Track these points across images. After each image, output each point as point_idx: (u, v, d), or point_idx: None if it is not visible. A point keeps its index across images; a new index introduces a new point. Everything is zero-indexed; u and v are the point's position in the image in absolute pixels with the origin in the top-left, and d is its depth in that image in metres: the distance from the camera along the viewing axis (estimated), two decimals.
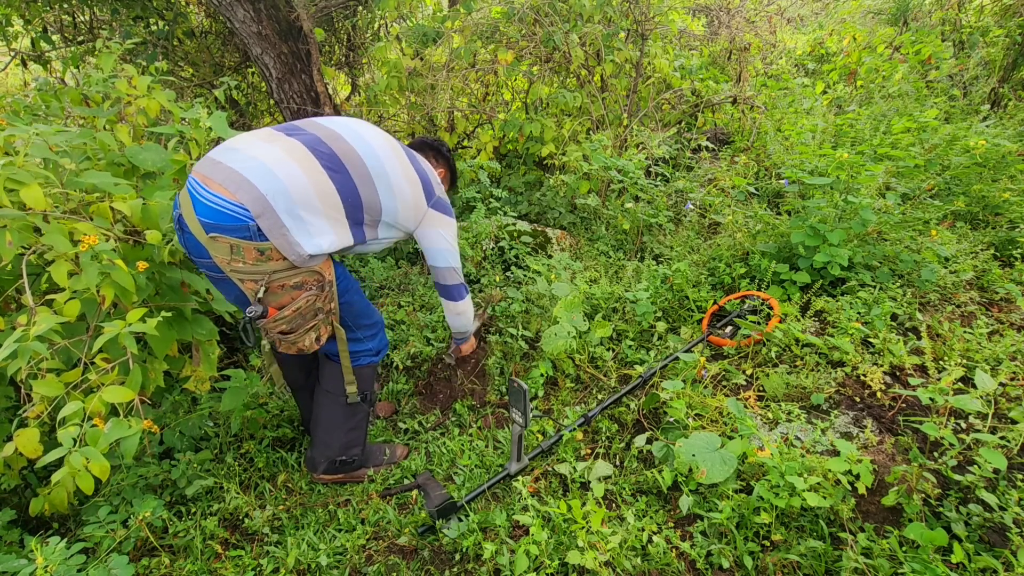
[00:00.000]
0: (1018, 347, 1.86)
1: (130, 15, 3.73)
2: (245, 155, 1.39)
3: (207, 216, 1.35)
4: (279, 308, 1.51)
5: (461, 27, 3.54)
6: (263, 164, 1.38)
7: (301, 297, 1.50)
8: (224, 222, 1.35)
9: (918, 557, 1.22)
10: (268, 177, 1.36)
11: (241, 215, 1.34)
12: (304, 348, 1.58)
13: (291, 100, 3.58)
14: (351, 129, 1.57)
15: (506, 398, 2.18)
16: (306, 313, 1.53)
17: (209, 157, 1.42)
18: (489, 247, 2.98)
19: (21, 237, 1.32)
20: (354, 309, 1.70)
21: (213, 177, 1.37)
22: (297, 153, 1.43)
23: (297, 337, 1.55)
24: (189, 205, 1.38)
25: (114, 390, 1.32)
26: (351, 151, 1.52)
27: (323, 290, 1.54)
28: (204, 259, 1.45)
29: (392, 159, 1.60)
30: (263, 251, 1.39)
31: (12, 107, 2.01)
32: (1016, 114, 3.86)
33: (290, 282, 1.47)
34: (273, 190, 1.36)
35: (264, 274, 1.43)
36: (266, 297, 1.48)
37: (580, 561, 1.33)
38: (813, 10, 7.06)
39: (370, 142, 1.57)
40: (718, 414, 1.77)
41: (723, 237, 2.86)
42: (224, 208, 1.34)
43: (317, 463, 1.81)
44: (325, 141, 1.50)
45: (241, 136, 1.49)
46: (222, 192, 1.35)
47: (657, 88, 4.18)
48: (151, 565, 1.55)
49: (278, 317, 1.49)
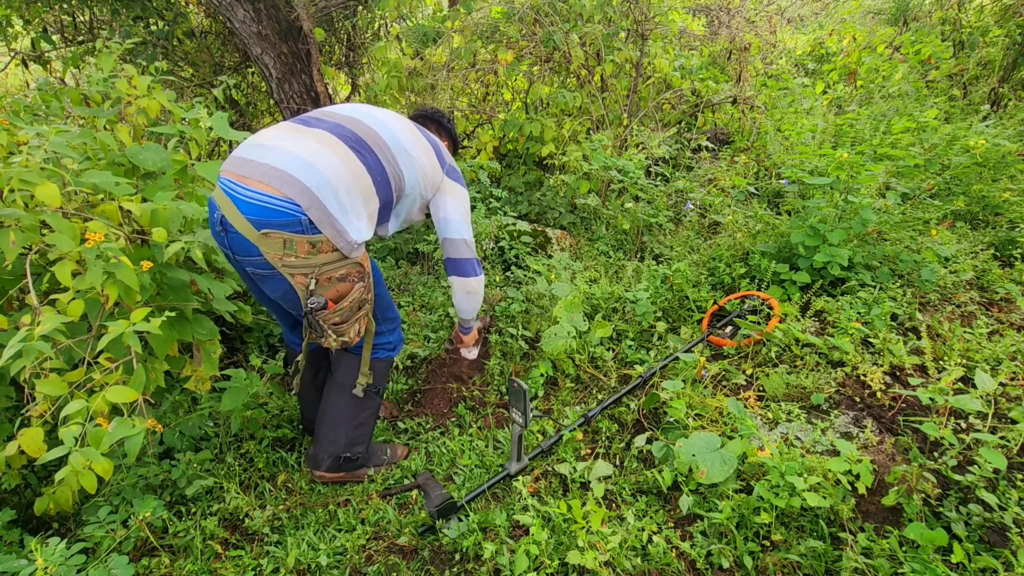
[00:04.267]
0: (1018, 347, 1.86)
1: (130, 15, 3.73)
2: (280, 150, 1.42)
3: (255, 214, 1.37)
4: (334, 300, 1.55)
5: (461, 27, 3.54)
6: (301, 158, 1.41)
7: (355, 288, 1.55)
8: (275, 218, 1.37)
9: (918, 557, 1.22)
10: (310, 170, 1.40)
11: (292, 210, 1.37)
12: (349, 341, 1.61)
13: (291, 100, 3.59)
14: (364, 112, 1.64)
15: (506, 398, 2.18)
16: (357, 304, 1.58)
17: (237, 156, 1.45)
18: (489, 247, 2.98)
19: (26, 237, 1.33)
20: (383, 302, 1.76)
21: (251, 175, 1.39)
22: (328, 142, 1.47)
23: (347, 328, 1.59)
24: (231, 205, 1.40)
25: (118, 390, 1.32)
26: (371, 132, 1.57)
27: (364, 281, 1.59)
28: (252, 256, 1.46)
29: (406, 133, 1.67)
30: (315, 243, 1.42)
31: (12, 107, 2.01)
32: (1016, 114, 3.86)
33: (336, 274, 1.50)
34: (317, 182, 1.39)
35: (315, 267, 1.46)
36: (317, 290, 1.51)
37: (580, 561, 1.33)
38: (813, 10, 7.06)
39: (384, 120, 1.64)
40: (718, 414, 1.77)
41: (723, 237, 2.86)
42: (272, 205, 1.37)
43: (320, 460, 1.80)
44: (347, 126, 1.54)
45: (264, 133, 1.51)
46: (266, 189, 1.37)
47: (657, 88, 4.18)
48: (151, 565, 1.55)
49: (338, 308, 1.53)
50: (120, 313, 1.52)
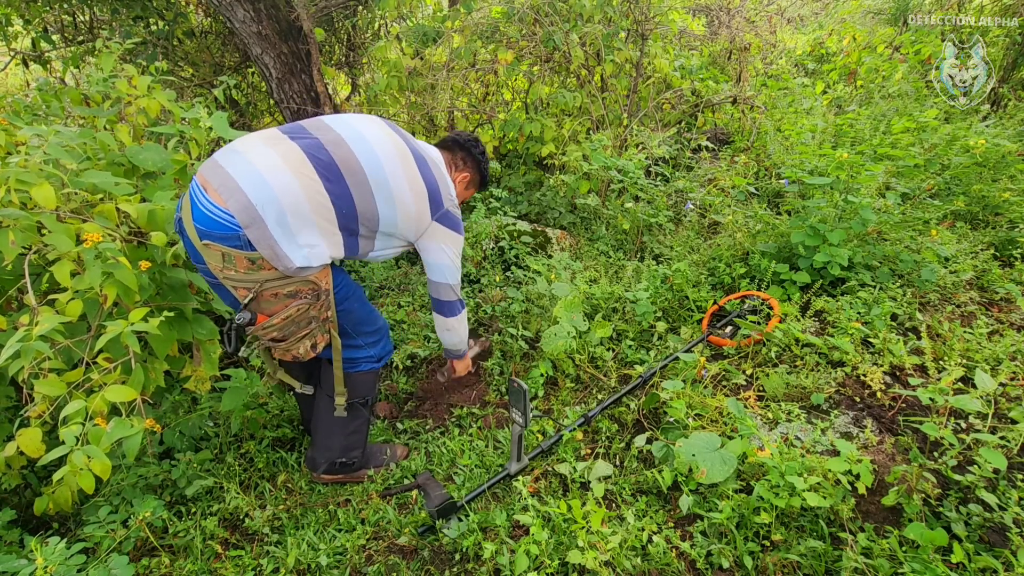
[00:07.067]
0: (1018, 347, 1.86)
1: (130, 15, 3.73)
2: (243, 159, 1.37)
3: (202, 223, 1.35)
4: (269, 315, 1.50)
5: (461, 27, 3.54)
6: (257, 171, 1.35)
7: (292, 305, 1.48)
8: (216, 230, 1.34)
9: (918, 557, 1.22)
10: (260, 185, 1.34)
11: (231, 224, 1.33)
12: (299, 356, 1.57)
13: (291, 100, 3.59)
14: (357, 133, 1.52)
15: (506, 398, 2.18)
16: (299, 321, 1.51)
17: (213, 158, 1.41)
18: (489, 247, 2.98)
19: (25, 237, 1.33)
20: (354, 316, 1.67)
21: (211, 182, 1.36)
22: (293, 159, 1.40)
23: (290, 345, 1.54)
24: (189, 210, 1.38)
25: (116, 389, 1.32)
26: (351, 158, 1.47)
27: (318, 299, 1.52)
28: (200, 264, 1.45)
29: (395, 166, 1.54)
30: (254, 260, 1.38)
31: (12, 107, 2.01)
32: (1016, 114, 3.86)
33: (283, 291, 1.46)
34: (263, 199, 1.33)
35: (256, 282, 1.42)
36: (256, 304, 1.47)
37: (580, 561, 1.33)
38: (813, 10, 7.06)
39: (374, 148, 1.51)
40: (718, 414, 1.77)
41: (723, 237, 2.86)
42: (215, 216, 1.33)
43: (318, 463, 1.81)
44: (326, 147, 1.45)
45: (246, 137, 1.46)
46: (216, 199, 1.34)
47: (657, 88, 4.17)
48: (151, 565, 1.55)
49: (267, 324, 1.48)
50: (119, 313, 1.52)
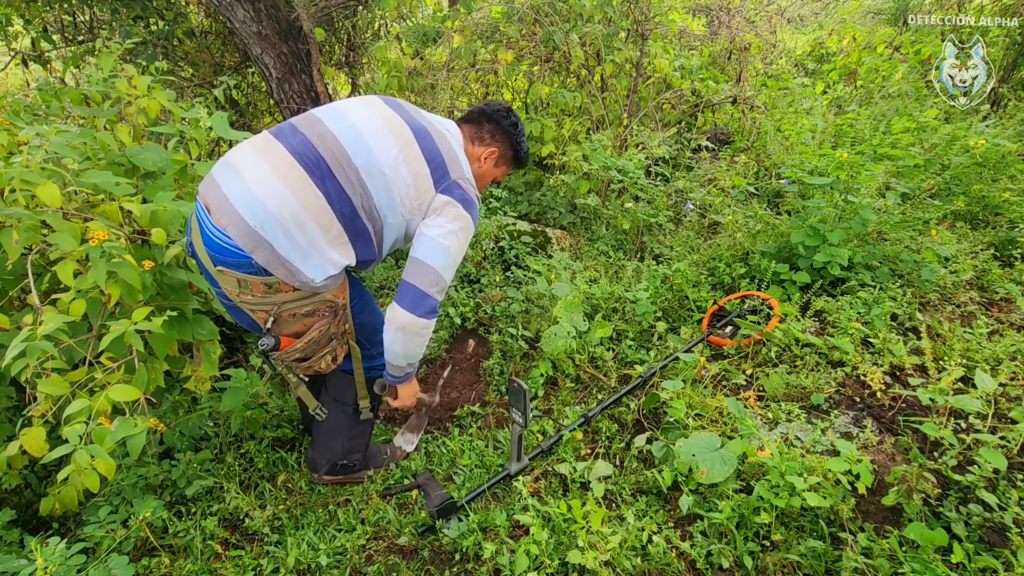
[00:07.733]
0: (1018, 347, 1.86)
1: (130, 15, 3.73)
2: (235, 177, 1.31)
3: (212, 249, 1.33)
4: (294, 336, 1.48)
5: (461, 27, 3.54)
6: (249, 190, 1.28)
7: (314, 327, 1.47)
8: (228, 257, 1.31)
9: (918, 557, 1.22)
10: (255, 207, 1.27)
11: (239, 251, 1.30)
12: (321, 370, 1.58)
13: (291, 100, 3.59)
14: (347, 122, 1.40)
15: (506, 398, 2.18)
16: (320, 340, 1.51)
17: (211, 175, 1.36)
18: (489, 247, 2.98)
19: (28, 237, 1.33)
20: (367, 328, 1.65)
21: (212, 203, 1.31)
22: (283, 166, 1.32)
23: (313, 362, 1.54)
24: (198, 234, 1.35)
25: (120, 389, 1.32)
26: (337, 150, 1.36)
27: (336, 315, 1.51)
28: (215, 288, 1.44)
29: (387, 148, 1.39)
30: (270, 285, 1.36)
31: (12, 107, 2.01)
32: (1016, 114, 3.86)
33: (302, 311, 1.44)
34: (261, 220, 1.27)
35: (274, 304, 1.40)
36: (277, 326, 1.45)
37: (580, 561, 1.33)
38: (813, 10, 7.06)
39: (363, 134, 1.39)
40: (718, 414, 1.77)
41: (723, 237, 2.86)
42: (223, 242, 1.30)
43: (318, 464, 1.81)
44: (313, 143, 1.36)
45: (240, 147, 1.39)
46: (219, 223, 1.30)
47: (657, 88, 4.17)
48: (151, 565, 1.55)
49: (291, 348, 1.47)
50: (121, 313, 1.52)
